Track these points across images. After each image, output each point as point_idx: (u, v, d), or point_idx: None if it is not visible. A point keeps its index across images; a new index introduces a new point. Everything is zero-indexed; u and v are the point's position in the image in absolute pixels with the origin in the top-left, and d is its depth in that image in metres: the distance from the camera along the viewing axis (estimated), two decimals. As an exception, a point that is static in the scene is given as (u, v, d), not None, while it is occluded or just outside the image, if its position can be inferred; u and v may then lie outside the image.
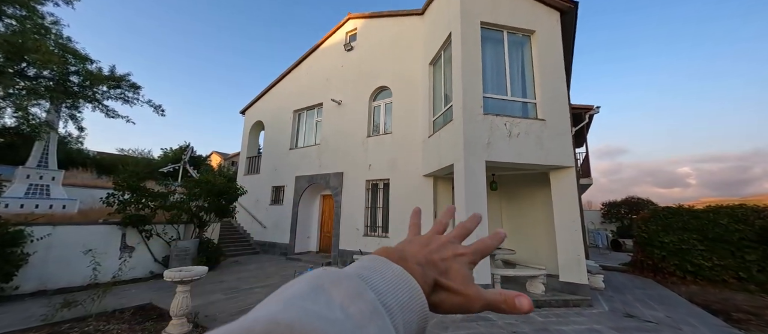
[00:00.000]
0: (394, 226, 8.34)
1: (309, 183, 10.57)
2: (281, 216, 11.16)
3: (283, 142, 12.07)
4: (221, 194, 8.21)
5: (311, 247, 11.04)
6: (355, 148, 9.68)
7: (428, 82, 8.09)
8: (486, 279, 5.24)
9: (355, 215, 9.15)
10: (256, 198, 12.32)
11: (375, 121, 9.78)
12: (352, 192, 9.38)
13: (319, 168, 10.45)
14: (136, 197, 7.01)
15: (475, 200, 5.52)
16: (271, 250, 11.18)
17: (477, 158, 5.66)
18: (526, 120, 5.98)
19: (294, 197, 10.88)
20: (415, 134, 8.41)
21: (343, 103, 10.45)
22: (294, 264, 9.13)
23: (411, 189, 8.20)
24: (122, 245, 7.04)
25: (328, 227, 10.82)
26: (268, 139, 12.86)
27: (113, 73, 7.65)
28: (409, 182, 8.27)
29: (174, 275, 3.89)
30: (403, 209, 8.26)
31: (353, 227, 9.11)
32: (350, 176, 9.56)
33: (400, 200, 8.37)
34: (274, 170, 11.98)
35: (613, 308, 5.35)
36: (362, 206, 9.07)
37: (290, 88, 12.52)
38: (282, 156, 11.90)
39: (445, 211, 0.50)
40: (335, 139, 10.30)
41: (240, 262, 9.45)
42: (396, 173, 8.60)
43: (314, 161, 10.70)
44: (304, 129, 11.92)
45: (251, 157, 13.52)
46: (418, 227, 0.49)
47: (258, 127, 13.94)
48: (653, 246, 8.86)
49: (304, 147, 11.36)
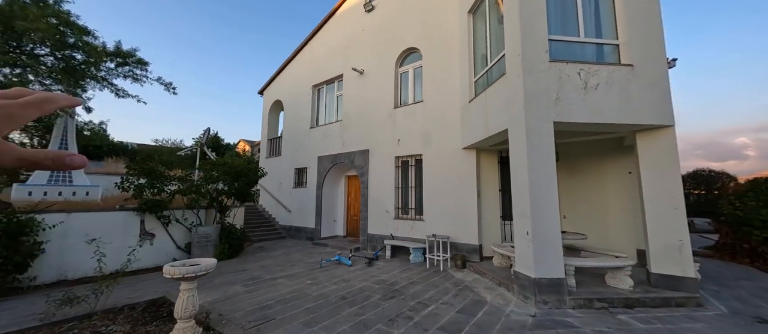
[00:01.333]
0: (429, 207, 7.32)
1: (332, 163, 9.76)
2: (305, 199, 10.53)
3: (303, 121, 11.28)
4: (239, 176, 7.59)
5: (338, 231, 10.38)
6: (381, 123, 8.63)
7: (467, 37, 6.74)
8: (558, 272, 4.12)
9: (384, 196, 8.23)
10: (279, 181, 11.79)
11: (403, 89, 8.61)
12: (380, 171, 8.43)
13: (343, 146, 9.56)
14: (150, 181, 6.52)
15: (541, 172, 4.32)
16: (297, 234, 10.68)
17: (542, 118, 4.40)
18: (606, 66, 4.56)
19: (317, 179, 10.15)
20: (451, 101, 7.18)
21: (365, 72, 9.34)
22: (320, 250, 8.49)
23: (448, 165, 7.08)
24: (142, 232, 6.66)
25: (355, 210, 10.05)
26: (287, 118, 12.13)
27: (119, 49, 7.10)
28: (446, 156, 7.14)
29: (175, 270, 3.17)
30: (439, 188, 7.19)
31: (382, 209, 8.22)
32: (377, 154, 8.59)
33: (435, 178, 7.30)
34: (296, 152, 11.29)
35: (733, 309, 4.05)
36: (391, 186, 8.12)
37: (308, 61, 11.56)
38: (303, 136, 11.14)
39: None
40: (359, 114, 9.30)
41: (265, 248, 8.97)
42: (429, 148, 7.48)
43: (337, 139, 9.82)
44: (325, 105, 11.00)
45: (272, 139, 12.93)
46: None
47: (277, 108, 13.26)
48: (751, 226, 7.16)
49: (326, 125, 10.48)
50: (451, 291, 4.86)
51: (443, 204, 7.05)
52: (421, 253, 7.03)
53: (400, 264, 6.75)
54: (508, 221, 6.84)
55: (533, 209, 4.23)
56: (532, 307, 4.06)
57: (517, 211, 4.56)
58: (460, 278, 5.59)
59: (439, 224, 7.03)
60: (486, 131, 5.60)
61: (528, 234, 4.26)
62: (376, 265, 6.70)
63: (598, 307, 4.06)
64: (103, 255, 4.35)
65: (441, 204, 7.10)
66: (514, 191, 4.68)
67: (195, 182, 6.96)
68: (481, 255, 6.48)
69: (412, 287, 5.06)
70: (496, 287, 5.05)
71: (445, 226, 6.92)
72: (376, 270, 6.23)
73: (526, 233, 4.27)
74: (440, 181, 7.18)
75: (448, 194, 6.98)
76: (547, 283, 4.08)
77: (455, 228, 6.77)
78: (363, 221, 8.61)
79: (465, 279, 5.54)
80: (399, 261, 7.06)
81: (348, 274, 5.90)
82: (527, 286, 4.23)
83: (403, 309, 4.07)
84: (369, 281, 5.40)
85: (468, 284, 5.22)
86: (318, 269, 6.25)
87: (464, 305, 4.22)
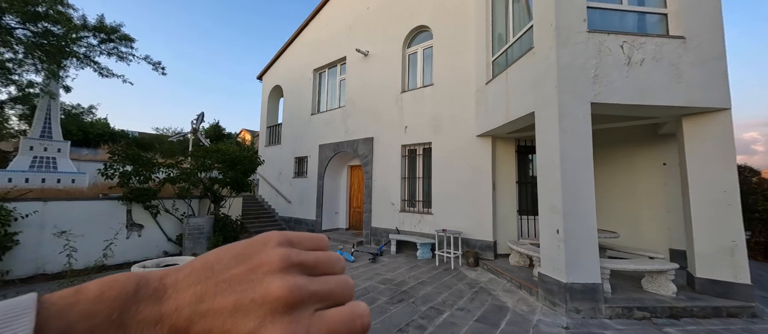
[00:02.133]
0: (439, 200, 6.78)
1: (334, 152, 9.20)
2: (306, 190, 10.03)
3: (303, 107, 10.68)
4: (235, 164, 7.06)
5: (340, 224, 9.89)
6: (387, 108, 8.02)
7: (484, 11, 6.06)
8: (594, 276, 3.58)
9: (390, 188, 7.69)
10: (279, 171, 11.28)
11: (411, 72, 7.96)
12: (385, 160, 7.87)
13: (346, 134, 8.98)
14: (136, 168, 6.01)
15: (577, 161, 3.74)
16: (297, 226, 10.21)
17: (578, 99, 3.79)
18: (654, 38, 3.91)
19: (318, 169, 9.62)
20: (465, 84, 6.54)
21: (370, 54, 8.68)
22: (321, 243, 8.02)
23: (460, 154, 6.50)
24: (128, 223, 6.19)
25: (358, 202, 9.54)
26: (287, 105, 11.53)
27: (102, 24, 6.49)
28: (458, 145, 6.55)
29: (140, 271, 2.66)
30: (449, 179, 6.63)
31: (387, 201, 7.69)
32: (382, 142, 8.01)
33: (445, 168, 6.72)
34: (296, 140, 10.73)
35: (796, 322, 3.50)
36: (397, 176, 7.56)
37: (309, 43, 10.88)
38: (303, 123, 10.56)
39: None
40: (363, 99, 8.68)
41: (263, 240, 8.52)
42: (440, 135, 6.89)
43: (339, 127, 9.23)
44: (327, 90, 10.37)
45: (272, 126, 12.36)
46: None
47: (277, 93, 12.64)
48: (791, 224, 6.58)
49: (328, 111, 9.88)
50: (466, 294, 4.34)
51: (454, 197, 6.50)
52: (429, 249, 6.52)
53: (407, 261, 6.25)
54: (526, 215, 6.28)
55: (566, 203, 3.66)
56: (563, 316, 3.54)
57: (545, 205, 3.99)
58: (474, 278, 5.07)
59: (450, 218, 6.49)
60: (506, 116, 4.99)
61: (558, 233, 3.70)
62: (381, 261, 6.21)
63: (639, 316, 3.53)
64: (73, 249, 3.87)
65: (452, 197, 6.54)
66: (541, 183, 4.11)
67: (185, 170, 6.43)
68: (496, 252, 5.95)
69: (422, 288, 4.55)
70: (516, 289, 4.53)
71: (457, 220, 6.38)
72: (381, 267, 5.74)
73: (557, 232, 3.72)
74: (451, 171, 6.61)
75: (460, 185, 6.42)
76: (581, 289, 3.54)
77: (467, 223, 6.23)
78: (367, 213, 8.09)
79: (479, 279, 5.03)
80: (405, 257, 6.57)
81: (350, 271, 5.41)
82: (556, 291, 3.70)
83: (414, 316, 3.56)
84: (374, 280, 4.90)
85: (484, 286, 4.70)
86: (318, 266, 5.77)
87: (484, 312, 3.70)
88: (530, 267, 5.26)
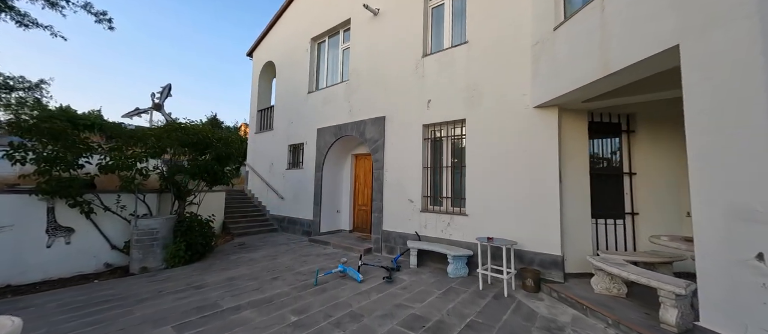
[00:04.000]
0: (476, 197, 5.01)
1: (336, 137, 7.45)
2: (302, 184, 8.31)
3: (299, 84, 8.92)
4: (203, 147, 5.34)
5: (342, 225, 8.18)
6: (403, 78, 6.25)
7: (550, -73, 4.23)
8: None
9: (407, 180, 5.94)
10: (271, 161, 9.56)
11: (435, 31, 6.16)
12: (401, 145, 6.11)
13: (350, 114, 7.22)
14: (58, 150, 4.29)
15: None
16: (291, 227, 8.52)
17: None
18: None
19: (316, 158, 7.89)
20: (515, 37, 4.75)
21: (381, 11, 6.88)
22: (319, 250, 6.29)
23: (507, 133, 4.73)
24: (51, 225, 4.49)
25: (365, 198, 7.81)
26: (280, 84, 9.77)
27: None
28: (504, 121, 4.78)
29: None
30: (492, 167, 4.87)
31: (404, 197, 5.95)
32: (396, 122, 6.25)
33: (486, 153, 4.96)
34: (291, 124, 8.99)
35: None
36: (417, 165, 5.81)
37: (305, 8, 9.08)
38: (299, 104, 8.81)
39: None
40: (372, 69, 6.91)
41: (247, 245, 6.82)
42: (477, 109, 5.11)
43: (342, 105, 7.47)
44: (327, 63, 8.59)
45: (263, 110, 10.62)
46: None
47: (270, 72, 10.89)
48: None
49: (328, 87, 8.11)
50: (554, 354, 2.59)
51: (499, 192, 4.74)
52: (463, 263, 4.78)
53: (436, 280, 4.52)
54: (603, 220, 4.52)
55: (789, 203, 1.89)
56: None
57: (715, 206, 2.22)
58: (548, 315, 3.33)
59: (493, 222, 4.74)
60: (603, 66, 3.20)
61: (763, 259, 1.93)
62: (399, 280, 4.48)
63: None
64: None
65: (495, 192, 4.78)
66: (701, 167, 2.34)
67: (130, 155, 4.71)
68: (565, 271, 4.20)
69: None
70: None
71: (503, 224, 4.63)
72: (402, 292, 4.00)
73: (760, 258, 1.95)
74: (495, 156, 4.84)
75: (508, 176, 4.65)
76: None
77: (521, 228, 4.47)
78: (376, 213, 6.36)
79: (557, 318, 3.28)
80: (432, 273, 4.84)
81: (358, 300, 3.69)
82: (756, 371, 1.94)
83: None
84: (395, 320, 3.17)
85: (571, 332, 2.95)
86: (311, 289, 4.05)
87: None
88: (628, 298, 3.52)
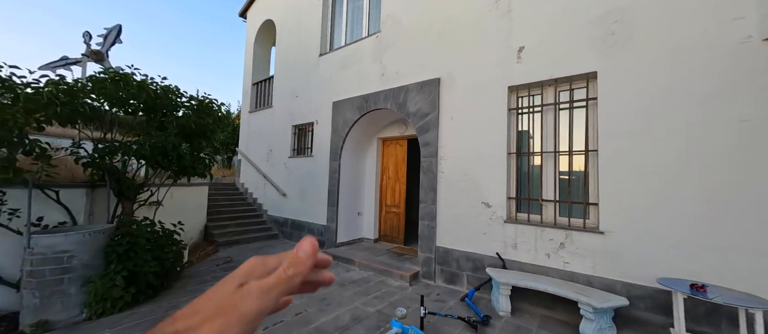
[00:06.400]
0: (621, 203, 2.95)
1: (361, 112, 5.35)
2: (310, 176, 6.23)
3: (307, 46, 6.75)
4: (152, 111, 3.22)
5: (364, 232, 6.13)
6: (472, 19, 4.13)
7: None
8: None
9: (479, 173, 3.88)
10: (269, 147, 7.45)
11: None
12: (468, 120, 4.03)
13: (382, 80, 5.11)
14: None
15: None
16: (295, 234, 6.46)
17: None
18: None
19: (332, 142, 5.79)
20: None
21: (433, -73, 4.71)
22: (341, 274, 4.21)
23: (695, 90, 2.65)
24: None
25: (397, 197, 5.77)
26: (282, 47, 7.58)
27: None
28: (683, 70, 2.70)
29: None
30: (657, 155, 2.81)
31: (474, 199, 3.89)
32: (460, 85, 4.15)
33: (643, 128, 2.89)
34: (295, 98, 6.86)
35: None
36: (498, 149, 3.74)
37: (316, -54, 6.86)
38: (308, 71, 6.66)
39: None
40: (419, 12, 4.78)
41: (234, 262, 4.75)
42: (624, 52, 3.03)
43: (369, 68, 5.36)
44: (346, 14, 6.40)
45: (259, 83, 8.44)
46: None
47: (268, 35, 8.68)
48: None
49: (348, 45, 5.96)
50: None
51: (676, 194, 2.70)
52: (609, 318, 2.73)
53: (573, 354, 2.49)
54: None
55: None
56: None
57: None
58: None
59: (661, 248, 2.70)
60: None
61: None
62: (507, 354, 2.44)
63: None
64: None
65: (668, 194, 2.74)
66: None
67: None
68: None
69: None
70: None
71: (688, 254, 2.59)
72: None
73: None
74: (667, 133, 2.78)
75: (698, 168, 2.61)
76: None
77: (726, 263, 2.44)
78: (426, 221, 4.29)
79: None
80: (548, 331, 2.81)
81: None
82: None
83: None
84: None
85: None
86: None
87: None
88: None
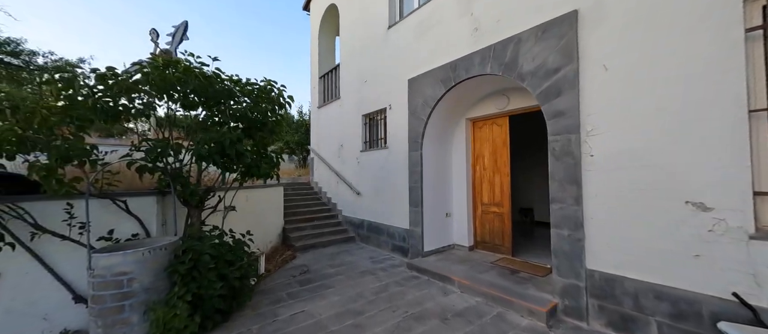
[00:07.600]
0: None
1: (446, 86, 4.13)
2: (386, 172, 5.33)
3: (372, 19, 5.82)
4: (215, 103, 2.65)
5: (455, 237, 4.93)
6: None
7: None
8: None
9: (675, 153, 2.27)
10: (340, 142, 6.85)
11: None
12: (645, 65, 2.43)
13: (476, 36, 3.79)
14: None
15: None
16: (373, 237, 5.68)
17: None
18: None
19: (410, 127, 4.73)
20: None
21: None
22: (438, 298, 3.12)
23: None
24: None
25: (498, 193, 4.39)
26: (347, 31, 6.85)
27: None
28: None
29: None
30: None
31: (667, 197, 2.30)
32: (623, 10, 2.56)
33: None
34: (364, 83, 6.03)
35: None
36: (726, 109, 2.07)
37: None
38: (376, 49, 5.74)
39: None
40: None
41: (310, 273, 4.14)
42: None
43: (455, 26, 4.09)
44: (418, -29, 5.22)
45: (325, 74, 7.96)
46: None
47: (333, 23, 8.12)
48: None
49: (423, 6, 4.77)
50: None
51: None
52: None
53: None
54: None
55: None
56: None
57: None
58: None
59: None
60: None
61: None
62: None
63: None
64: None
65: None
66: None
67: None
68: None
69: None
70: None
71: None
72: None
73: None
74: None
75: None
76: None
77: None
78: (565, 230, 2.86)
79: None
80: None
81: None
82: None
83: None
84: None
85: None
86: None
87: None
88: None
